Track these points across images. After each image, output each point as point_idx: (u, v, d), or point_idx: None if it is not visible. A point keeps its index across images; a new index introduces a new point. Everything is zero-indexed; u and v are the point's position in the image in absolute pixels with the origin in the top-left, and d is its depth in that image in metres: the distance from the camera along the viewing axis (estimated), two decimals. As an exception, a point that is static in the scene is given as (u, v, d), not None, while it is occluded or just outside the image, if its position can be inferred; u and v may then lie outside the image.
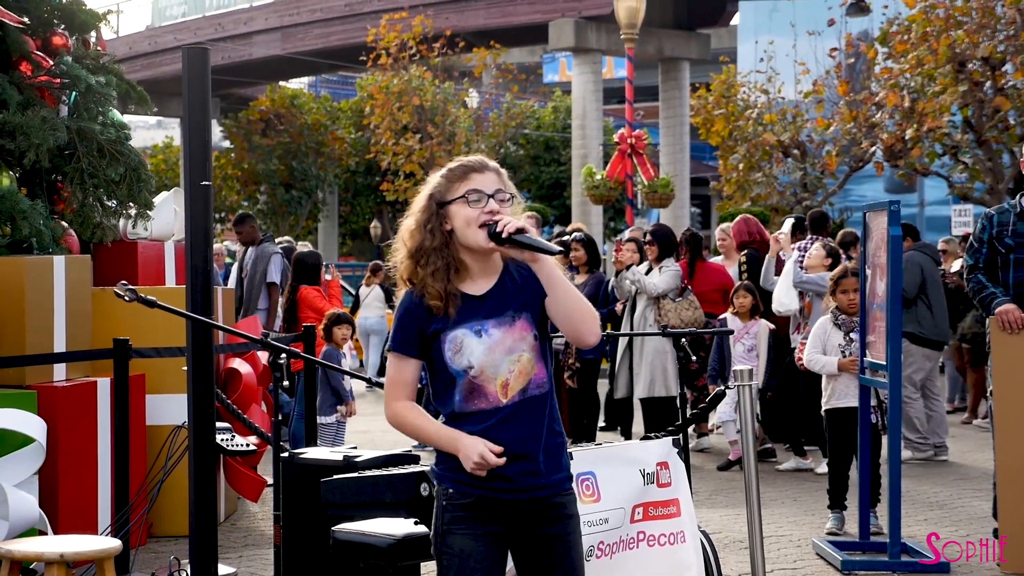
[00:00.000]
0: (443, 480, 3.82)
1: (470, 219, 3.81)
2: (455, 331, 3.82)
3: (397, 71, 30.51)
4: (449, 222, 3.84)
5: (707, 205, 46.31)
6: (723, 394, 7.00)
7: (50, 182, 8.55)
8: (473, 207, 3.82)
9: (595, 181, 20.59)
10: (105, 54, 9.19)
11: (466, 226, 3.82)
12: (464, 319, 3.83)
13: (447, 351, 3.81)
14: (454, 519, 3.78)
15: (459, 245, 3.84)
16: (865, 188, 30.23)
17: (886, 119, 20.69)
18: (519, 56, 45.21)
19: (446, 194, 3.87)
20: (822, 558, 7.63)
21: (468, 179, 3.86)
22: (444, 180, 3.90)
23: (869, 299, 7.91)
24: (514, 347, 3.82)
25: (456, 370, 3.81)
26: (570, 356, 11.93)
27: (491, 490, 3.77)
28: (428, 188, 3.93)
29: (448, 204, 3.85)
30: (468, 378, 3.81)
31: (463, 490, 3.78)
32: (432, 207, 3.87)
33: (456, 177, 3.87)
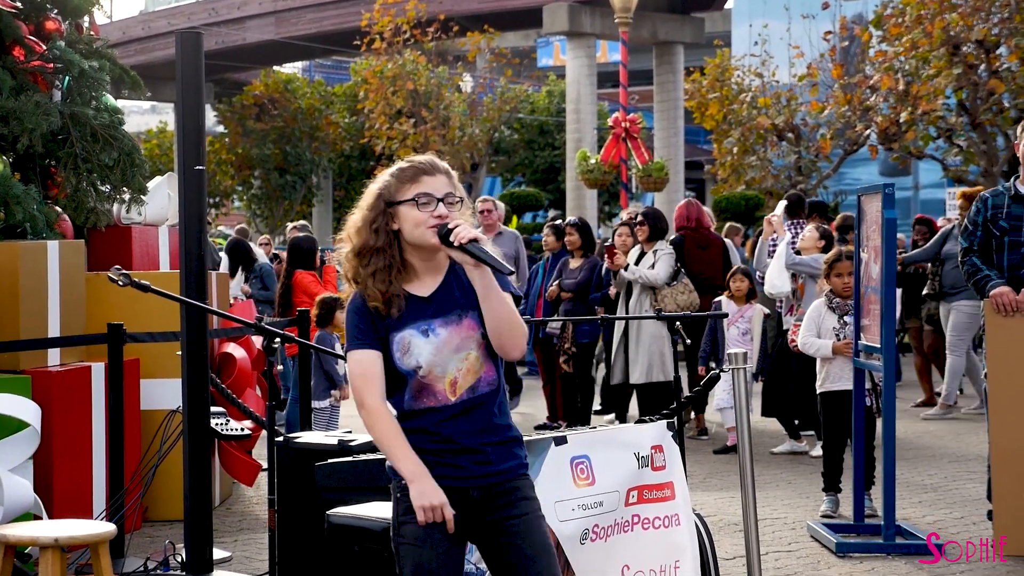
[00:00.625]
0: (396, 475, 3.82)
1: (419, 222, 3.82)
2: (402, 332, 3.84)
3: (391, 55, 30.48)
4: (397, 222, 3.85)
5: (702, 189, 46.28)
6: (717, 377, 7.00)
7: (43, 167, 8.54)
8: (422, 210, 3.82)
9: (589, 165, 20.59)
10: (98, 39, 9.17)
11: (415, 227, 3.82)
12: (410, 319, 3.85)
13: (395, 351, 3.83)
14: (409, 509, 3.77)
15: (405, 245, 3.86)
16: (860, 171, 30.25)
17: (880, 102, 20.69)
18: (513, 40, 45.15)
19: (395, 194, 3.86)
20: (817, 540, 7.65)
21: (418, 182, 3.85)
22: (394, 180, 3.88)
23: (864, 282, 7.92)
24: (461, 345, 3.85)
25: (405, 370, 3.83)
26: (566, 341, 11.94)
27: (443, 478, 3.78)
28: (377, 186, 3.91)
29: (397, 204, 3.85)
30: (417, 378, 3.83)
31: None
32: (380, 206, 3.87)
33: (407, 178, 3.86)
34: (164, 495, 8.04)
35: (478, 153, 32.63)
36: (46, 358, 7.36)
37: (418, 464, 3.76)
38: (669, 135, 32.52)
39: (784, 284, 10.93)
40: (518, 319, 3.87)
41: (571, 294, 12.10)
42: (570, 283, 12.14)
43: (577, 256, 12.20)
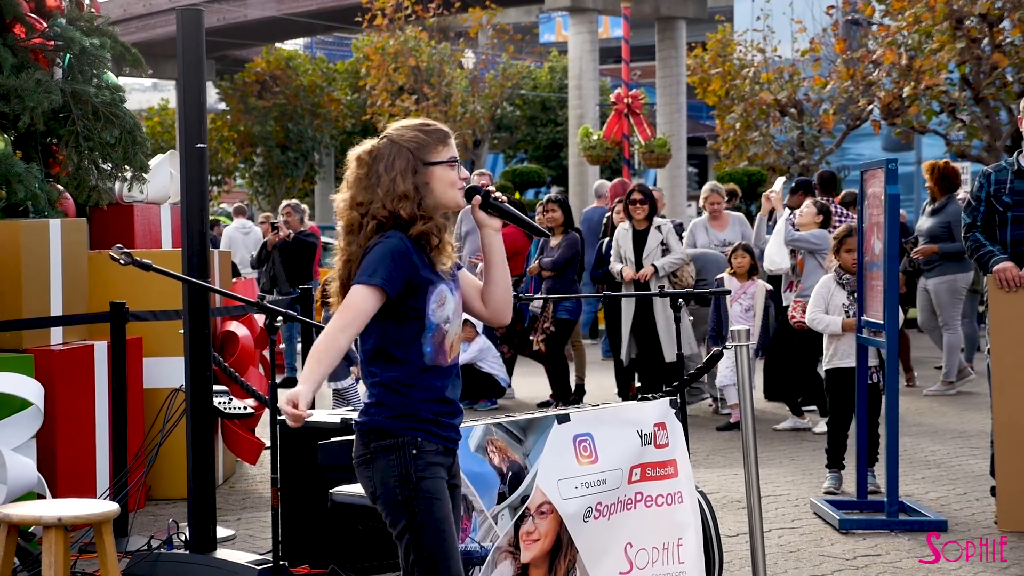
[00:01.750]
0: (409, 432, 3.87)
1: (452, 183, 3.95)
2: (441, 285, 3.93)
3: (393, 32, 30.40)
4: (428, 181, 3.93)
5: (704, 165, 46.23)
6: (720, 354, 6.99)
7: (45, 145, 8.52)
8: (455, 172, 3.96)
9: (592, 141, 20.55)
10: (99, 16, 9.14)
11: (449, 187, 3.95)
12: (444, 277, 3.95)
13: (432, 302, 3.90)
14: (428, 464, 3.87)
15: (435, 205, 3.94)
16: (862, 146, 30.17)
17: (883, 77, 20.61)
18: (515, 16, 45.01)
19: (430, 154, 3.95)
20: (820, 517, 7.66)
21: (448, 144, 3.98)
22: (426, 138, 3.97)
23: (867, 258, 7.91)
24: (460, 312, 4.03)
25: (433, 322, 3.90)
26: (546, 320, 11.92)
27: (447, 440, 3.95)
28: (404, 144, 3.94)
29: (433, 165, 3.94)
30: (441, 330, 3.92)
31: (431, 439, 3.89)
32: (416, 164, 3.94)
33: (439, 140, 3.97)
34: (167, 474, 8.05)
35: (480, 130, 32.57)
36: (48, 337, 7.36)
37: (308, 373, 3.74)
38: (671, 111, 32.44)
39: (783, 260, 10.92)
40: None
41: (552, 272, 12.06)
42: (548, 261, 12.10)
43: (558, 233, 12.15)
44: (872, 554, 6.82)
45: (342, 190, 4.03)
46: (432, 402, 3.91)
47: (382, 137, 4.03)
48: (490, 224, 4.03)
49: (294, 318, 6.25)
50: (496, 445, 4.75)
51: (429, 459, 3.89)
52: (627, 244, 11.44)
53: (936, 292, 12.76)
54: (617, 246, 11.54)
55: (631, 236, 11.44)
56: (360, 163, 4.00)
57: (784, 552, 6.88)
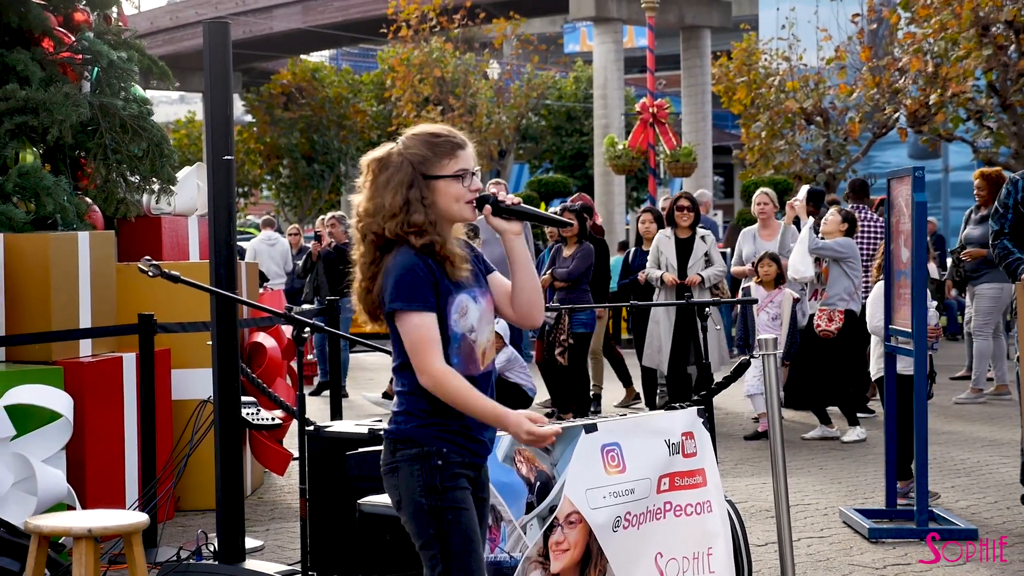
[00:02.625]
0: (434, 442, 3.82)
1: (459, 197, 3.85)
2: (460, 294, 3.85)
3: (418, 43, 30.46)
4: (431, 195, 3.84)
5: (730, 174, 46.16)
6: (748, 363, 6.98)
7: (73, 158, 8.57)
8: (462, 186, 3.86)
9: (617, 151, 20.53)
10: (127, 29, 9.20)
11: (455, 202, 3.85)
12: (464, 285, 3.87)
13: (453, 313, 3.83)
14: (453, 476, 3.82)
15: (441, 218, 3.85)
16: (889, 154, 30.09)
17: (909, 84, 20.56)
18: (539, 26, 45.07)
19: (433, 168, 3.85)
20: (849, 526, 7.62)
21: (456, 157, 3.87)
22: (428, 152, 3.86)
23: (894, 266, 7.88)
24: (490, 319, 3.96)
25: (457, 333, 3.84)
26: (562, 332, 11.59)
27: (474, 454, 3.89)
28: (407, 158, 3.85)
29: (435, 179, 3.85)
30: (467, 340, 3.86)
31: (457, 450, 3.84)
32: (417, 178, 3.84)
33: (444, 152, 3.87)
34: (196, 485, 8.07)
35: (505, 140, 32.59)
36: (78, 349, 7.39)
37: (498, 408, 3.80)
38: (697, 120, 32.41)
39: (807, 269, 10.88)
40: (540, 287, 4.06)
41: (565, 283, 11.76)
42: (562, 271, 11.79)
43: (571, 243, 11.85)
44: (902, 563, 6.78)
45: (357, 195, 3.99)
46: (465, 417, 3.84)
47: (394, 144, 3.94)
48: (509, 228, 3.93)
49: (321, 329, 6.26)
50: (524, 455, 4.74)
51: (454, 470, 3.84)
52: (670, 251, 11.36)
53: (980, 299, 12.69)
54: (657, 252, 11.47)
55: (674, 243, 11.39)
56: (368, 170, 3.92)
57: (813, 561, 6.85)
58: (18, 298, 7.16)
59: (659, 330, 11.29)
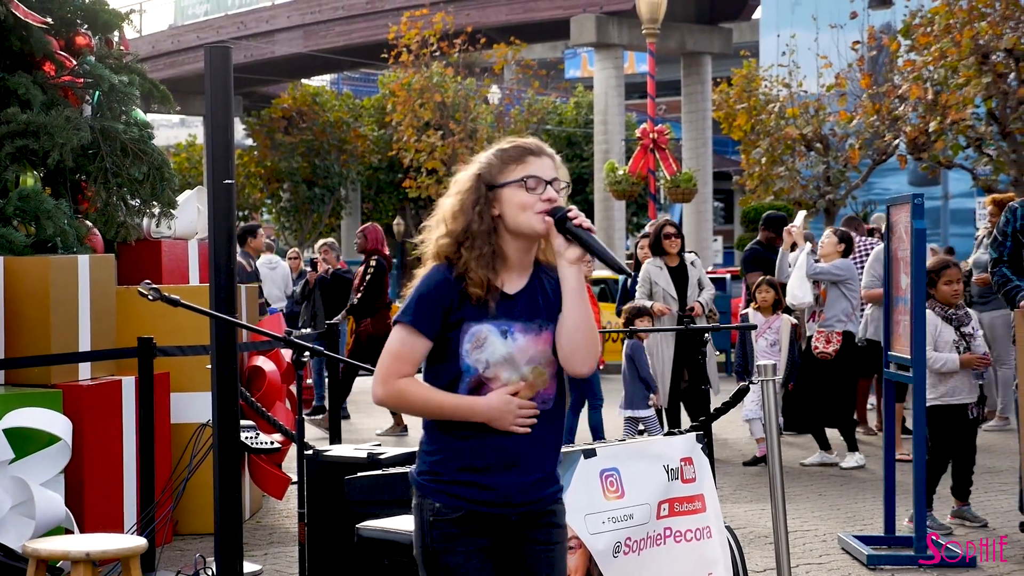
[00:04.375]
0: (429, 493, 3.52)
1: (526, 204, 3.50)
2: (480, 325, 3.49)
3: (418, 68, 30.54)
4: (498, 206, 3.52)
5: (730, 199, 46.22)
6: (747, 389, 6.98)
7: (74, 182, 8.58)
8: (531, 193, 3.50)
9: (617, 176, 20.58)
10: (128, 53, 9.22)
11: (520, 211, 3.50)
12: (491, 316, 3.50)
13: (465, 343, 3.48)
14: (445, 536, 3.49)
15: (505, 231, 3.52)
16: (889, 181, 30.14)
17: (909, 112, 20.61)
18: (541, 52, 45.19)
19: (498, 176, 3.53)
20: (848, 552, 7.61)
21: (525, 162, 3.54)
22: (497, 161, 3.56)
23: (893, 293, 7.88)
24: (535, 358, 3.53)
25: (468, 366, 3.49)
26: None
27: (482, 504, 3.49)
28: (476, 167, 3.58)
29: (500, 187, 3.52)
30: (479, 376, 3.49)
31: (453, 503, 3.49)
32: (480, 188, 3.53)
33: (511, 159, 3.55)
34: (194, 508, 8.05)
35: (506, 165, 32.62)
36: (77, 372, 7.39)
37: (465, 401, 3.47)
38: (697, 146, 32.49)
39: (806, 295, 10.88)
40: (596, 333, 3.59)
41: None
42: None
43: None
44: (901, 590, 6.78)
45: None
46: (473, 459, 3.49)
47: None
48: (565, 254, 3.48)
49: (320, 353, 6.26)
50: (523, 480, 4.74)
51: (448, 529, 3.49)
52: (666, 282, 11.23)
53: (991, 326, 12.57)
54: (649, 283, 11.29)
55: (667, 273, 11.29)
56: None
57: (812, 588, 6.84)
58: (18, 321, 7.16)
59: (657, 363, 11.17)
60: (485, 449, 3.49)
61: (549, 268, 3.58)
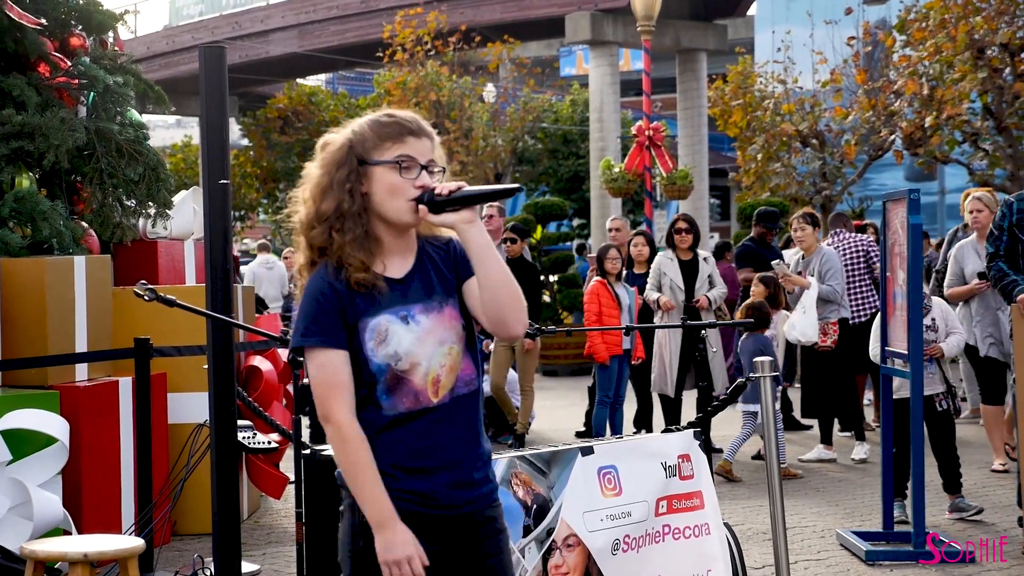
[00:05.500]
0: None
1: (397, 188, 3.23)
2: (377, 318, 3.22)
3: (413, 67, 30.53)
4: (367, 184, 3.25)
5: (726, 196, 46.23)
6: (744, 385, 6.97)
7: (69, 183, 8.58)
8: (403, 176, 3.23)
9: (613, 174, 20.55)
10: (123, 54, 9.21)
11: (390, 195, 3.23)
12: (385, 304, 3.23)
13: (368, 341, 3.21)
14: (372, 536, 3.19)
15: (373, 214, 3.26)
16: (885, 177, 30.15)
17: (905, 107, 20.61)
18: (536, 50, 45.19)
19: (372, 151, 3.26)
20: (846, 548, 7.61)
21: (403, 142, 3.26)
22: (372, 135, 3.28)
23: (889, 288, 7.89)
24: (445, 338, 3.27)
25: (379, 364, 3.22)
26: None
27: (418, 504, 3.23)
28: (345, 135, 3.30)
29: (372, 164, 3.25)
30: (393, 371, 3.22)
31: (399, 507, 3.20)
32: (352, 162, 3.25)
33: (389, 136, 3.27)
34: (192, 509, 8.05)
35: (501, 163, 32.64)
36: (74, 373, 7.38)
37: (388, 506, 3.17)
38: (693, 143, 32.48)
39: (814, 333, 10.79)
40: (517, 287, 3.28)
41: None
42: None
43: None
44: (900, 586, 6.78)
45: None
46: (403, 459, 3.22)
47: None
48: (457, 219, 3.21)
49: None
50: (520, 478, 4.74)
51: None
52: (675, 273, 11.27)
53: None
54: (659, 275, 11.36)
55: (678, 265, 11.32)
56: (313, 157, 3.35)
57: (811, 584, 6.84)
58: (14, 322, 7.15)
59: (665, 354, 11.18)
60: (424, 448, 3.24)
61: (432, 239, 3.35)
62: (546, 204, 25.45)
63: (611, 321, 10.99)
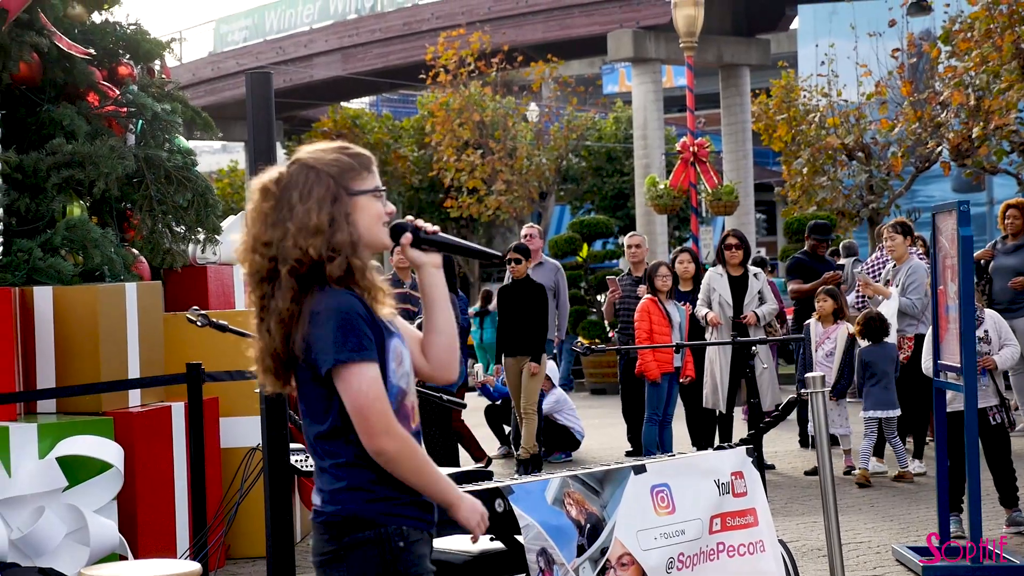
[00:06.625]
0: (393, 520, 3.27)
1: (378, 216, 3.34)
2: (394, 339, 3.32)
3: (456, 88, 30.61)
4: (353, 214, 3.31)
5: (772, 211, 46.05)
6: (796, 402, 6.94)
7: (119, 210, 8.66)
8: (381, 204, 3.36)
9: (659, 191, 20.53)
10: (170, 82, 9.29)
11: (376, 222, 3.34)
12: (392, 327, 3.34)
13: (391, 361, 3.29)
14: (419, 557, 3.29)
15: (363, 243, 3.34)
16: (932, 188, 29.94)
17: (952, 118, 20.47)
18: (578, 68, 45.19)
19: (356, 182, 3.32)
20: (902, 564, 7.55)
21: (373, 172, 3.38)
22: (350, 161, 3.33)
23: (940, 301, 7.83)
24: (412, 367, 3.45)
25: (394, 384, 3.29)
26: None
27: (430, 524, 3.38)
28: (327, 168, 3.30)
29: (357, 195, 3.31)
30: (401, 395, 3.32)
31: (418, 525, 3.33)
32: (340, 193, 3.28)
33: (364, 166, 3.35)
34: (246, 532, 8.08)
35: (546, 182, 32.65)
36: (127, 399, 7.44)
37: (454, 486, 3.33)
38: (738, 158, 32.39)
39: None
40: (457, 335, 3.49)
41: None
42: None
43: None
44: (957, 601, 6.72)
45: (242, 230, 3.40)
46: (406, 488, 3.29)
47: (292, 162, 3.35)
48: (429, 261, 3.40)
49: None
50: (573, 497, 4.73)
51: (418, 550, 3.29)
52: (724, 288, 11.24)
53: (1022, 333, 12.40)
54: (709, 290, 11.34)
55: (727, 281, 11.29)
56: (266, 194, 3.32)
57: (867, 600, 6.79)
58: (68, 350, 7.21)
59: (716, 371, 11.12)
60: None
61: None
62: (591, 222, 25.43)
63: (662, 339, 10.95)
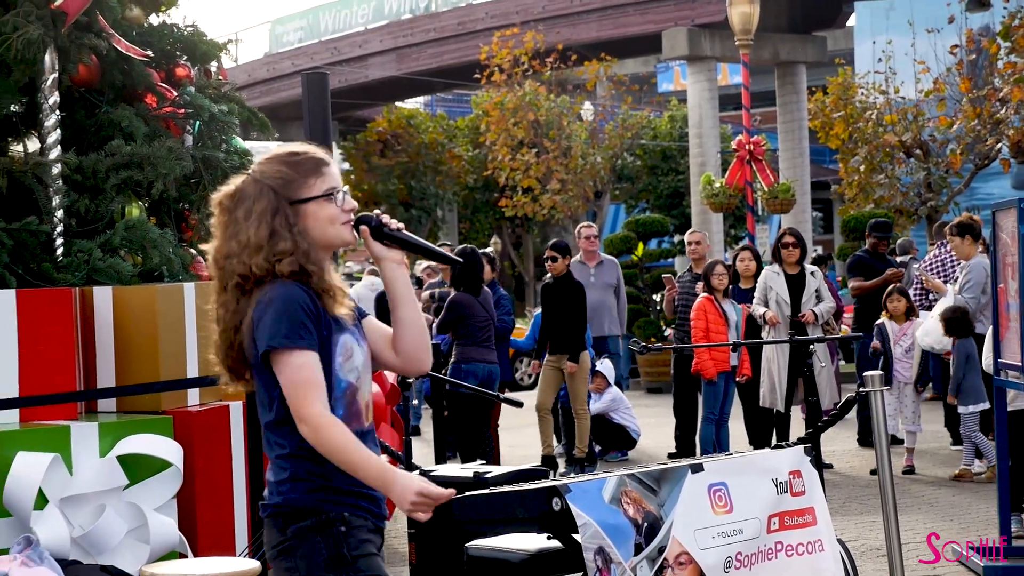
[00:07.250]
0: (332, 507, 3.39)
1: (334, 218, 3.45)
2: (344, 335, 3.43)
3: (511, 87, 30.64)
4: (301, 221, 3.42)
5: (829, 209, 45.78)
6: (854, 400, 6.89)
7: (177, 211, 8.72)
8: (337, 206, 3.46)
9: (714, 189, 20.45)
10: (226, 83, 9.34)
11: (330, 224, 3.45)
12: (345, 324, 3.46)
13: (337, 356, 3.41)
14: (362, 542, 3.39)
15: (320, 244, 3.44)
16: (992, 186, 29.66)
17: (1011, 115, 20.28)
18: (633, 67, 45.11)
19: (300, 191, 3.43)
20: (963, 564, 7.49)
21: (322, 175, 3.47)
22: (294, 173, 3.44)
23: (1001, 299, 7.76)
24: (370, 366, 3.56)
25: (342, 379, 3.43)
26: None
27: (376, 516, 3.49)
28: (266, 181, 3.43)
29: (303, 202, 3.43)
30: (353, 388, 3.46)
31: (358, 514, 3.43)
32: (281, 204, 3.40)
33: (309, 171, 3.46)
34: (303, 531, 8.11)
35: (601, 181, 32.63)
36: (186, 398, 7.49)
37: (385, 465, 3.36)
38: (794, 156, 32.21)
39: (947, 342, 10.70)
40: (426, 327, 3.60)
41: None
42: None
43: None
44: (1019, 601, 6.65)
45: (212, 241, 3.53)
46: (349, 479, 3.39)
47: (245, 175, 3.52)
48: (389, 256, 3.51)
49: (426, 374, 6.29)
50: (630, 496, 4.72)
51: (360, 535, 3.39)
52: (781, 287, 11.21)
53: None
54: (765, 289, 11.33)
55: (784, 279, 11.25)
56: (221, 209, 3.49)
57: (927, 600, 6.74)
58: (127, 349, 7.27)
59: (774, 369, 11.06)
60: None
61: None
62: (647, 221, 25.37)
63: (718, 338, 10.92)
